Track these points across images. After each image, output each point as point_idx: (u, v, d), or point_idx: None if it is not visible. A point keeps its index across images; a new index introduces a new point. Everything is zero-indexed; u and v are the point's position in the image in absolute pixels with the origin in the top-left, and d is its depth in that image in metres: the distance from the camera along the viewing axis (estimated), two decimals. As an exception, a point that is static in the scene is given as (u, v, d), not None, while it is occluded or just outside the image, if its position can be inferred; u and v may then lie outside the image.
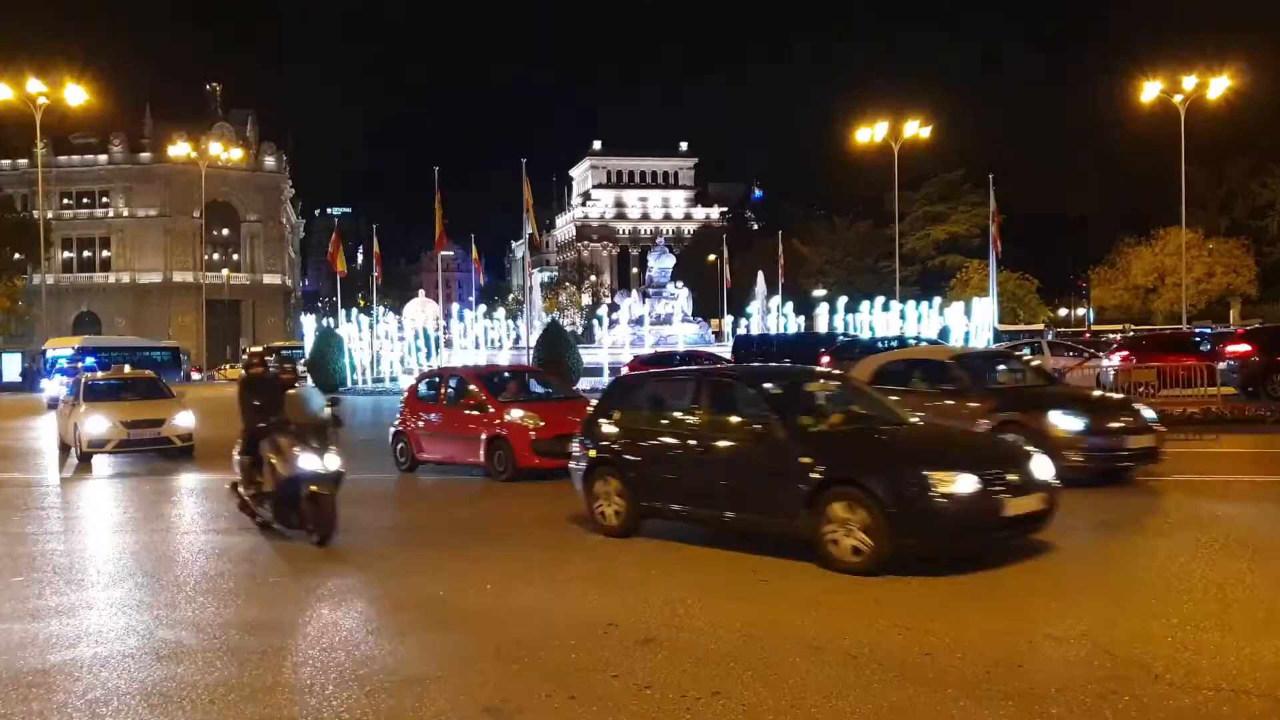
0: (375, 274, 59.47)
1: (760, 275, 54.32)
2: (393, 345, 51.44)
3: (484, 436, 14.58)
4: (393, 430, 16.50)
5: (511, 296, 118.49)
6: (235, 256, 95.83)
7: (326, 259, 68.10)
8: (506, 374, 17.14)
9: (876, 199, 66.53)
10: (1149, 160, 51.67)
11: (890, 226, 58.50)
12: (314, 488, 9.78)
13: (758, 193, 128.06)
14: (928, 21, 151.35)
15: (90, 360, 40.54)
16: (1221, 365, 21.72)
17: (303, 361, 49.94)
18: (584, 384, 39.63)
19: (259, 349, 11.50)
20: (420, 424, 15.97)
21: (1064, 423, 12.07)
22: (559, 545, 10.11)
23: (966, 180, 68.75)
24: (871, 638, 6.51)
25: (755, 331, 47.23)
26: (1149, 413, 12.94)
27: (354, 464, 19.25)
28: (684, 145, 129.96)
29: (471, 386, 15.43)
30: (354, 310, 60.72)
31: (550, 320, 52.29)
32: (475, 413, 14.95)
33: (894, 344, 32.36)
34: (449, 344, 49.62)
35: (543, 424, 14.28)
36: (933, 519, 8.00)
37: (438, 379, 17.12)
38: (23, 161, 79.48)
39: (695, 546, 9.55)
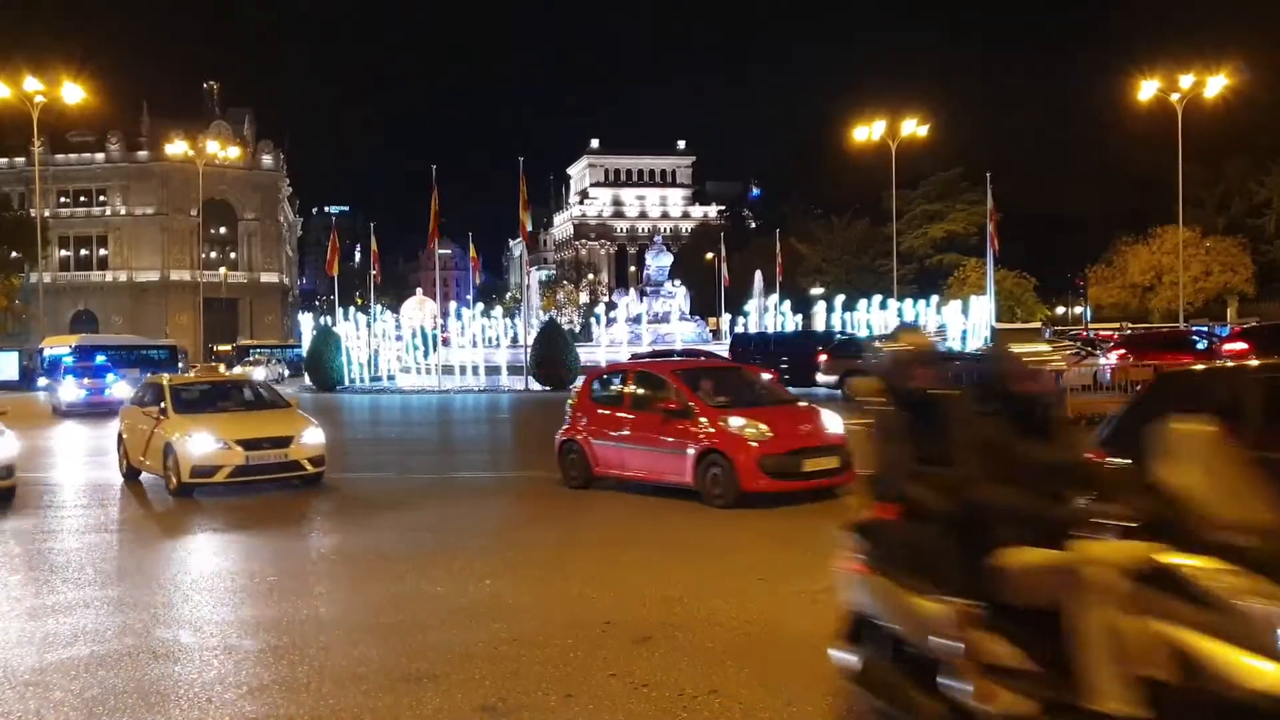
0: (373, 272, 59.43)
1: (758, 273, 54.32)
2: (390, 344, 51.50)
3: (692, 450, 11.91)
4: (560, 438, 13.86)
5: (509, 295, 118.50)
6: (232, 255, 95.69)
7: (325, 266, 67.66)
8: (707, 370, 14.39)
9: (874, 197, 66.53)
10: (1147, 159, 51.73)
11: (888, 225, 58.52)
12: None
13: (755, 191, 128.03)
14: (927, 21, 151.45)
15: (102, 358, 40.08)
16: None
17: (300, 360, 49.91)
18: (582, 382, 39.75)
19: (907, 334, 4.27)
20: (599, 431, 13.33)
21: None
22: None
23: (964, 179, 68.76)
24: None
25: (753, 330, 47.24)
26: None
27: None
28: (682, 144, 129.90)
29: (669, 385, 12.72)
30: (351, 309, 60.74)
31: (548, 319, 52.26)
32: (677, 420, 12.25)
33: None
34: (446, 342, 49.61)
35: (771, 435, 11.69)
36: None
37: (620, 375, 14.45)
38: (20, 160, 79.26)
39: None
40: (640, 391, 13.32)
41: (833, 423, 12.14)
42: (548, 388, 38.65)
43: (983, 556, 4.03)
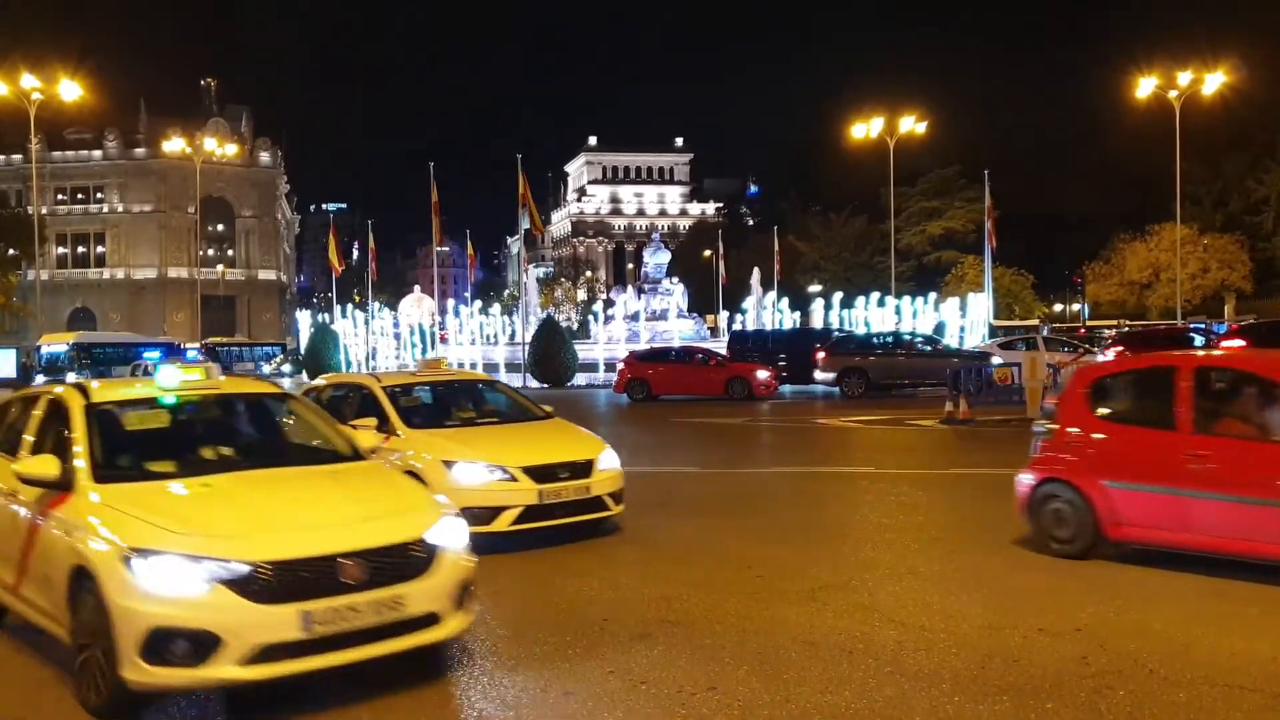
0: (370, 270, 59.46)
1: (756, 271, 54.27)
2: (388, 341, 51.49)
3: None
4: (1032, 477, 8.62)
5: (507, 292, 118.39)
6: (230, 252, 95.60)
7: (327, 262, 67.68)
8: None
9: (872, 195, 66.50)
10: (1144, 156, 51.78)
11: (886, 222, 58.42)
12: None
13: (753, 188, 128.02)
14: (926, 19, 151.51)
15: (194, 350, 39.14)
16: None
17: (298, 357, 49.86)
18: (580, 379, 39.76)
19: None
20: (1120, 468, 8.11)
21: None
22: None
23: (963, 176, 68.70)
24: (866, 632, 6.51)
25: (751, 327, 47.24)
26: None
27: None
28: (679, 141, 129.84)
29: None
30: (349, 306, 60.77)
31: (546, 316, 52.24)
32: None
33: (889, 339, 32.49)
34: (444, 340, 49.60)
35: None
36: None
37: (1160, 374, 8.39)
38: (17, 157, 79.16)
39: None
40: (1214, 403, 7.94)
41: None
42: (545, 385, 38.65)
43: None
